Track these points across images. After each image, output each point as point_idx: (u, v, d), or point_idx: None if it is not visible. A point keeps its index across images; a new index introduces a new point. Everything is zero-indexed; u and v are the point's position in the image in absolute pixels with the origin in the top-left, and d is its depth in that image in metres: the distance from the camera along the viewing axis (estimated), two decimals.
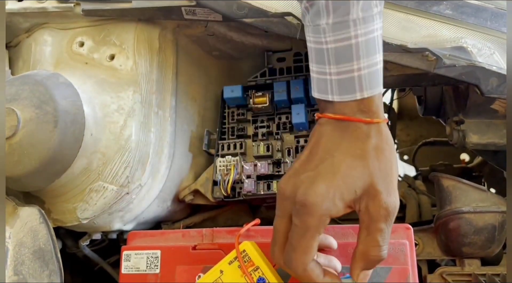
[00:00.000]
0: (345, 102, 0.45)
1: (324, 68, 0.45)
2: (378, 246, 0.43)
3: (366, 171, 0.43)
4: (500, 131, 0.62)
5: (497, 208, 0.59)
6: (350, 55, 0.44)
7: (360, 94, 0.44)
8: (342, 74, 0.44)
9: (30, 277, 0.48)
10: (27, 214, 0.53)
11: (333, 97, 0.45)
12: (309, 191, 0.43)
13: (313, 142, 0.46)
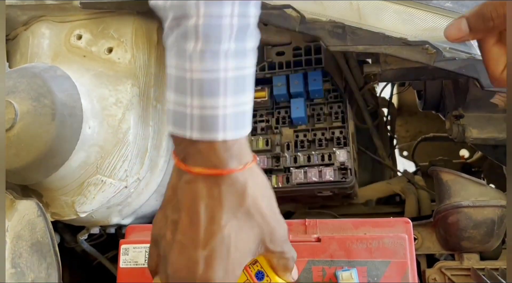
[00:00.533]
0: (210, 148, 0.40)
1: (184, 100, 0.40)
2: (289, 259, 0.46)
3: (255, 225, 0.42)
4: (500, 126, 0.62)
5: (496, 202, 0.59)
6: (216, 90, 0.39)
7: (223, 135, 0.39)
8: (206, 110, 0.39)
9: (28, 270, 0.48)
10: (25, 207, 0.52)
11: (191, 134, 0.40)
12: (208, 275, 0.40)
13: (187, 204, 0.41)
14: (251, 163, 0.42)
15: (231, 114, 0.40)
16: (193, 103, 0.39)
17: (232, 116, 0.40)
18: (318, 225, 0.57)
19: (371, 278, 0.51)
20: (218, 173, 0.40)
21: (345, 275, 0.49)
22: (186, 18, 0.39)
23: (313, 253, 0.54)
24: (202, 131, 0.39)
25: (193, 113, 0.39)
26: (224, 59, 0.39)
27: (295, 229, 0.57)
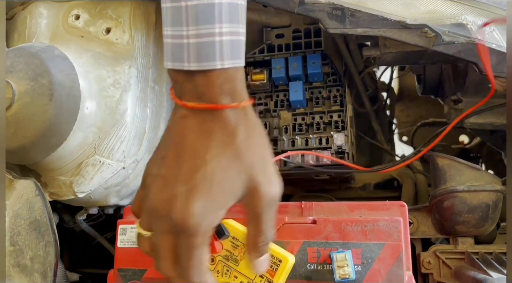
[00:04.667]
0: (207, 80, 0.39)
1: (181, 31, 0.39)
2: (263, 234, 0.44)
3: (242, 169, 0.41)
4: (497, 111, 0.62)
5: (491, 187, 0.59)
6: (212, 16, 0.39)
7: (220, 63, 0.39)
8: (201, 37, 0.39)
9: (26, 248, 0.49)
10: (23, 186, 0.53)
11: (189, 65, 0.39)
12: (186, 210, 0.39)
13: (176, 139, 0.41)
14: (246, 103, 0.41)
15: (227, 42, 0.39)
16: (189, 32, 0.39)
17: (228, 44, 0.39)
18: (314, 207, 0.58)
19: (366, 259, 0.52)
20: (211, 107, 0.39)
21: (340, 257, 0.50)
22: None
23: (309, 235, 0.54)
24: (199, 61, 0.39)
25: (190, 42, 0.39)
26: None
27: (292, 211, 0.58)
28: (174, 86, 0.42)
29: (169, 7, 0.40)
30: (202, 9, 0.38)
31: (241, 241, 0.51)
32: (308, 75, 0.70)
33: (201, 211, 0.39)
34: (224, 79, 0.39)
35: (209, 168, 0.39)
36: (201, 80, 0.39)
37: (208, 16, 0.38)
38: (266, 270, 0.48)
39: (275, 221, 0.45)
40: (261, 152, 0.42)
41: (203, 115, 0.40)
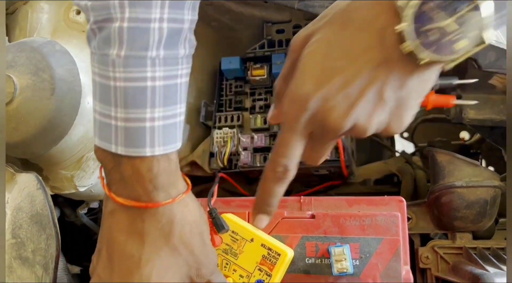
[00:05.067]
0: (136, 172, 0.37)
1: (109, 110, 0.37)
2: None
3: (180, 263, 0.40)
4: (497, 107, 0.62)
5: (489, 183, 0.60)
6: (143, 100, 0.36)
7: (150, 151, 0.36)
8: (130, 122, 0.36)
9: (28, 241, 0.49)
10: (25, 180, 0.53)
11: (116, 149, 0.36)
12: None
13: (107, 236, 0.39)
14: (183, 194, 0.39)
15: (159, 127, 0.37)
16: (117, 114, 0.36)
17: (160, 130, 0.37)
18: (313, 202, 0.58)
19: (364, 254, 0.52)
20: (141, 205, 0.37)
21: (338, 251, 0.50)
22: (109, 21, 0.35)
23: (307, 229, 0.55)
24: (127, 147, 0.36)
25: (118, 125, 0.36)
26: (151, 67, 0.36)
27: (290, 205, 0.58)
28: (103, 168, 0.39)
29: (98, 83, 0.37)
30: (132, 92, 0.36)
31: (240, 235, 0.52)
32: None
33: None
34: (156, 173, 0.37)
35: (144, 274, 0.38)
36: (128, 171, 0.37)
37: (138, 100, 0.36)
38: None
39: None
40: (199, 237, 0.41)
41: (133, 213, 0.38)
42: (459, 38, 0.33)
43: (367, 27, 0.35)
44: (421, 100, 0.38)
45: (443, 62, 0.34)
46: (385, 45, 0.35)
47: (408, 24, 0.33)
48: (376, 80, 0.36)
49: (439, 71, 0.37)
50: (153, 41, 0.36)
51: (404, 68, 0.35)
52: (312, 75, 0.37)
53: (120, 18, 0.35)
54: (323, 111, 0.37)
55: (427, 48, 0.33)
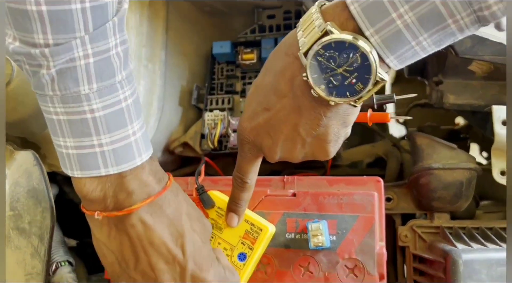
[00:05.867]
0: (126, 178, 0.41)
1: (91, 141, 0.40)
2: None
3: None
4: (476, 93, 0.64)
5: (465, 165, 0.62)
6: (123, 120, 0.40)
7: (139, 160, 0.41)
8: (118, 143, 0.40)
9: (24, 213, 0.53)
10: (23, 157, 0.57)
11: (107, 170, 0.41)
12: None
13: None
14: (153, 197, 0.43)
15: (140, 138, 0.41)
16: (102, 141, 0.40)
17: (141, 139, 0.42)
18: (295, 181, 0.61)
19: (340, 230, 0.55)
20: (113, 215, 0.42)
21: (314, 226, 0.53)
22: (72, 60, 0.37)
23: (288, 207, 0.58)
24: (119, 164, 0.40)
25: (105, 150, 0.40)
26: (121, 89, 0.40)
27: (274, 184, 0.61)
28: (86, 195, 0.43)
29: (65, 120, 0.40)
30: (112, 116, 0.40)
31: (225, 211, 0.55)
32: None
33: None
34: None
35: None
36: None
37: (119, 122, 0.40)
38: None
39: None
40: None
41: (112, 221, 0.44)
42: (356, 81, 0.36)
43: (280, 76, 0.41)
44: (345, 131, 0.43)
45: (349, 102, 0.38)
46: (295, 93, 0.40)
47: (309, 73, 0.37)
48: (290, 124, 0.42)
49: None
50: (82, 77, 0.38)
51: (316, 110, 0.40)
52: (248, 113, 0.44)
53: (83, 55, 0.38)
54: (257, 143, 0.45)
55: (331, 92, 0.37)
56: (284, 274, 0.55)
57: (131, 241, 0.42)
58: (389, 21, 0.34)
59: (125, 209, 0.42)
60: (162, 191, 0.43)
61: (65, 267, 0.60)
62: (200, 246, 0.45)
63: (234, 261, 0.54)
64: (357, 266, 0.54)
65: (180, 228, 0.44)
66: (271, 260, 0.56)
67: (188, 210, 0.46)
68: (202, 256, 0.45)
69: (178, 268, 0.43)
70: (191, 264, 0.44)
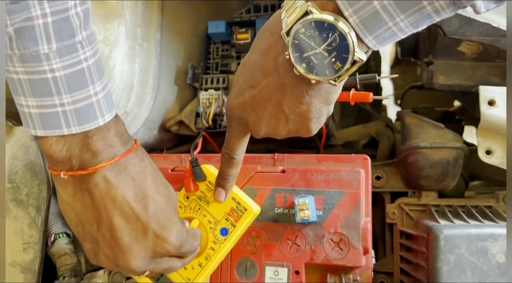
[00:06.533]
0: (92, 138, 0.42)
1: (52, 100, 0.40)
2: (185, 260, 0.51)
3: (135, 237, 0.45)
4: (465, 73, 0.65)
5: (452, 144, 0.63)
6: (84, 81, 0.40)
7: (102, 120, 0.42)
8: (79, 102, 0.41)
9: (22, 185, 0.55)
10: (21, 132, 0.59)
11: (70, 130, 0.41)
12: None
13: None
14: (118, 157, 0.43)
15: (103, 98, 0.42)
16: (63, 101, 0.40)
17: (104, 100, 0.42)
18: (285, 159, 0.63)
19: (327, 205, 0.57)
20: (78, 174, 0.42)
21: (301, 201, 0.55)
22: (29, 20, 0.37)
23: (278, 183, 0.59)
24: (81, 124, 0.41)
25: (66, 109, 0.40)
26: (81, 49, 0.40)
27: (265, 161, 0.63)
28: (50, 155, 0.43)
29: (25, 80, 0.40)
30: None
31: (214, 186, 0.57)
32: None
33: None
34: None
35: None
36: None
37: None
38: None
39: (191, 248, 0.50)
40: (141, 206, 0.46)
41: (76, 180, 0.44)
42: (334, 60, 0.38)
43: (265, 55, 0.42)
44: (327, 109, 0.44)
45: (329, 80, 0.39)
46: (279, 72, 0.41)
47: (291, 51, 0.38)
48: (274, 100, 0.43)
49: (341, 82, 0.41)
50: (41, 36, 0.38)
51: (299, 88, 0.41)
52: (235, 90, 0.46)
53: (42, 15, 0.37)
54: (243, 119, 0.46)
55: (311, 71, 0.39)
56: (272, 246, 0.58)
57: (94, 200, 0.43)
58: (366, 2, 0.35)
59: (90, 168, 0.42)
60: (128, 152, 0.44)
61: (63, 238, 0.63)
62: (164, 207, 0.46)
63: (216, 235, 0.56)
64: (343, 240, 0.56)
65: (145, 189, 0.45)
66: (260, 233, 0.58)
67: (154, 174, 0.47)
68: (166, 216, 0.46)
69: (141, 227, 0.44)
70: (154, 223, 0.45)
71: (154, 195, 0.45)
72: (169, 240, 0.45)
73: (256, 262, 0.58)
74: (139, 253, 0.44)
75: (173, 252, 0.46)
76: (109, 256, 0.45)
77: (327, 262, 0.56)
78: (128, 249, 0.44)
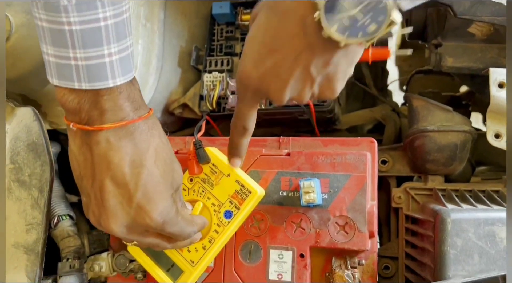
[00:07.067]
0: (103, 97, 0.42)
1: (67, 53, 0.40)
2: (176, 242, 0.50)
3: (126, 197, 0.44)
4: (475, 55, 0.64)
5: (460, 128, 0.62)
6: (100, 39, 0.40)
7: (112, 82, 0.41)
8: (91, 60, 0.40)
9: (24, 166, 0.54)
10: (23, 113, 0.58)
11: (80, 85, 0.41)
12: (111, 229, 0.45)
13: None
14: (149, 113, 0.44)
15: (117, 61, 0.41)
16: (77, 55, 0.40)
17: (118, 63, 0.42)
18: (290, 142, 0.62)
19: (332, 188, 0.56)
20: (84, 128, 0.43)
21: (306, 184, 0.54)
22: None
23: (283, 166, 0.59)
24: (91, 82, 0.41)
25: (79, 64, 0.40)
26: (102, 8, 0.40)
27: (270, 145, 0.62)
28: (66, 106, 0.43)
29: (47, 29, 0.40)
30: (88, 33, 0.40)
31: (219, 169, 0.56)
32: None
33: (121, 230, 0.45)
34: (124, 95, 0.43)
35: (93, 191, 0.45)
36: (102, 104, 0.42)
37: (96, 39, 0.40)
38: None
39: (182, 225, 0.49)
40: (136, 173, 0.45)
41: (84, 135, 0.44)
42: (369, 23, 0.36)
43: (291, 15, 0.39)
44: (351, 69, 0.43)
45: (361, 42, 0.38)
46: (306, 33, 0.39)
47: (323, 13, 0.37)
48: (301, 63, 0.41)
49: None
50: None
51: (326, 50, 0.40)
52: (251, 58, 0.43)
53: None
54: (263, 88, 0.44)
55: (343, 33, 0.37)
56: (277, 229, 0.57)
57: (93, 157, 0.43)
58: None
59: (95, 126, 0.42)
60: (137, 119, 0.44)
61: (66, 220, 0.62)
62: (158, 181, 0.45)
63: (220, 218, 0.55)
64: (348, 223, 0.55)
65: (144, 158, 0.44)
66: (264, 216, 0.58)
67: (159, 146, 0.46)
68: (156, 190, 0.45)
69: (127, 194, 0.44)
70: (140, 193, 0.44)
71: (151, 166, 0.45)
72: (151, 214, 0.45)
73: (261, 245, 0.57)
74: (120, 218, 0.44)
75: (154, 227, 0.46)
76: (95, 214, 0.45)
77: (332, 246, 0.55)
78: (112, 212, 0.44)
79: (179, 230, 0.48)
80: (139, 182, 0.44)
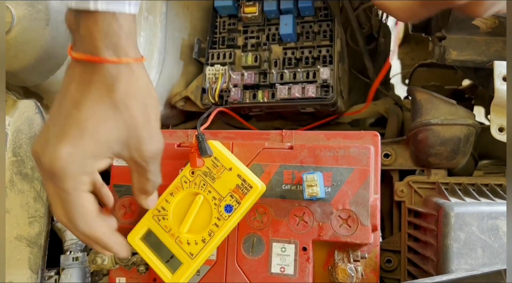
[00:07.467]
0: (88, 30, 0.40)
1: None
2: (150, 181, 0.48)
3: (119, 122, 0.42)
4: (479, 49, 0.63)
5: (463, 121, 0.62)
6: None
7: (93, 5, 0.39)
8: None
9: (27, 159, 0.54)
10: (25, 105, 0.58)
11: (71, 4, 0.40)
12: (53, 155, 0.41)
13: (63, 89, 0.43)
14: (131, 59, 0.42)
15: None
16: None
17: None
18: (293, 135, 0.62)
19: (335, 182, 0.56)
20: (90, 59, 0.40)
21: (309, 177, 0.54)
22: None
23: (285, 159, 0.58)
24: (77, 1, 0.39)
25: None
26: None
27: (272, 138, 0.62)
28: (70, 33, 0.43)
29: None
30: None
31: (221, 163, 0.56)
32: (299, 9, 0.72)
33: (68, 156, 0.41)
34: (106, 33, 0.40)
35: (82, 117, 0.41)
36: (84, 29, 0.40)
37: None
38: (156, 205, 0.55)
39: (160, 169, 0.50)
40: (143, 108, 0.44)
41: (85, 66, 0.41)
42: None
43: None
44: None
45: None
46: None
47: None
48: None
49: None
50: None
51: None
52: None
53: None
54: None
55: None
56: (280, 223, 0.57)
57: (69, 83, 0.42)
58: None
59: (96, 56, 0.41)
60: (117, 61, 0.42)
61: None
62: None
63: (221, 211, 0.55)
64: (351, 216, 0.55)
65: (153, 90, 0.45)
66: (267, 209, 0.58)
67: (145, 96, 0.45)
68: None
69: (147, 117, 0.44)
70: (156, 124, 0.45)
71: None
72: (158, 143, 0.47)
73: (263, 238, 0.57)
74: None
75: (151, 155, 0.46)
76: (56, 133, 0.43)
77: (335, 239, 0.55)
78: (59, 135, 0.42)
79: (157, 170, 0.48)
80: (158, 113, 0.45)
